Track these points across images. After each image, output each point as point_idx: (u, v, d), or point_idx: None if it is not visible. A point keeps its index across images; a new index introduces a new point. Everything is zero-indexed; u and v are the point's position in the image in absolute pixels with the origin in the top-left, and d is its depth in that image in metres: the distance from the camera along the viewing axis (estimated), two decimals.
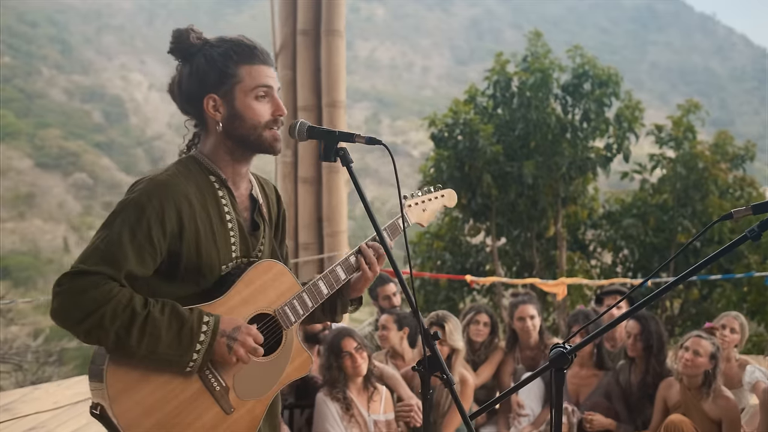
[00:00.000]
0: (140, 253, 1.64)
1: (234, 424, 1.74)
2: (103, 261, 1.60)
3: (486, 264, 8.91)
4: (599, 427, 3.93)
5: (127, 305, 1.58)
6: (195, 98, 1.80)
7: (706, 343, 3.69)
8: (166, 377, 1.64)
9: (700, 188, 8.40)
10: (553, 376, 1.76)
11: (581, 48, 8.62)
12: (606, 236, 9.17)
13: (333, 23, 5.76)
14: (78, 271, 1.60)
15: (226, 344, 1.66)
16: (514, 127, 8.52)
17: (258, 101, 1.79)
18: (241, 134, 1.79)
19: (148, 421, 1.61)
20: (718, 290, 8.09)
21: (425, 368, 1.72)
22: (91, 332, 1.56)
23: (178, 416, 1.65)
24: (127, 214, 1.65)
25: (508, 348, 4.54)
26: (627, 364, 4.17)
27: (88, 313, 1.55)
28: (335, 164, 5.71)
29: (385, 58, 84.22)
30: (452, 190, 2.29)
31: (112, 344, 1.57)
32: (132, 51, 76.39)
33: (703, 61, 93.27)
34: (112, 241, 1.63)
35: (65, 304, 1.57)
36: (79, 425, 4.74)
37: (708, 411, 3.71)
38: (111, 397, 1.58)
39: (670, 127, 8.71)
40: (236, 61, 1.78)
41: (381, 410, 3.65)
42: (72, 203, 48.51)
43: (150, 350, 1.59)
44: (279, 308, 1.82)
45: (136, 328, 1.57)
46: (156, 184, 1.70)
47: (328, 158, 1.84)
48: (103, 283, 1.58)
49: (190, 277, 1.73)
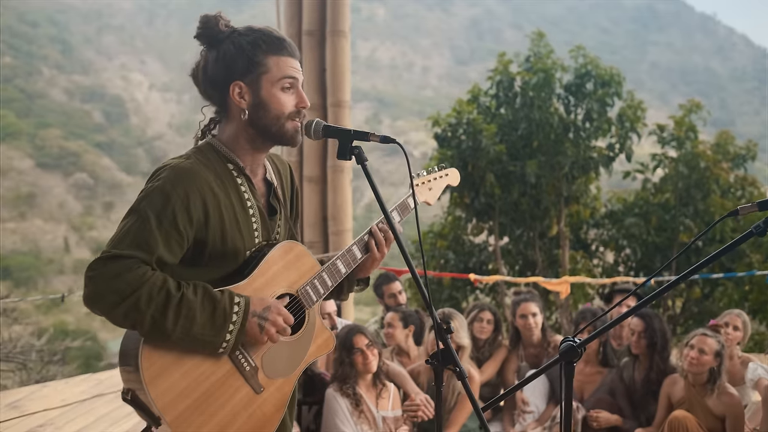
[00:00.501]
0: (168, 240, 1.65)
1: (264, 403, 1.78)
2: (135, 245, 1.61)
3: (489, 263, 8.93)
4: (605, 424, 3.98)
5: (162, 287, 1.59)
6: (221, 84, 1.80)
7: (711, 341, 3.72)
8: (198, 360, 1.66)
9: (702, 187, 8.44)
10: (563, 368, 1.79)
11: (583, 48, 8.65)
12: (608, 235, 9.21)
13: (338, 24, 5.80)
14: (111, 255, 1.59)
15: (257, 324, 1.69)
16: (517, 126, 8.56)
17: (283, 92, 1.81)
18: (265, 124, 1.80)
19: (183, 403, 1.63)
20: (720, 289, 8.12)
21: (438, 362, 1.74)
22: (127, 315, 1.56)
23: (211, 397, 1.68)
24: (153, 201, 1.66)
25: (511, 345, 4.57)
26: (631, 362, 4.20)
27: (123, 297, 1.56)
28: (340, 164, 5.72)
29: (385, 58, 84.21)
30: (455, 169, 2.34)
31: (148, 327, 1.58)
32: (132, 51, 76.41)
33: (704, 61, 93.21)
34: (141, 226, 1.63)
35: (100, 288, 1.57)
36: (87, 422, 4.77)
37: (712, 407, 3.74)
38: (147, 381, 1.59)
39: (672, 127, 8.75)
40: (265, 51, 1.79)
41: (389, 407, 3.70)
42: (73, 203, 48.51)
43: (185, 332, 1.60)
44: (301, 288, 1.85)
45: (171, 309, 1.58)
46: (179, 171, 1.71)
47: (344, 156, 1.85)
48: (137, 266, 1.59)
49: (214, 263, 1.75)
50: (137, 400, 1.64)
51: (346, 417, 3.50)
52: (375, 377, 3.67)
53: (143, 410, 1.64)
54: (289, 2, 5.97)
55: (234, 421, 1.72)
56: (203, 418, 1.66)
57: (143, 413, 1.65)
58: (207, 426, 1.66)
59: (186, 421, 1.63)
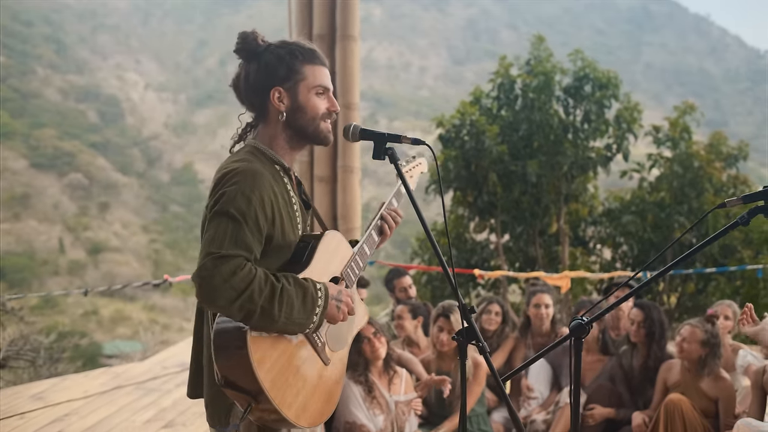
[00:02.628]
0: (255, 237, 1.83)
1: (332, 372, 2.02)
2: (237, 245, 1.78)
3: (491, 260, 9.10)
4: (600, 418, 4.16)
5: (266, 280, 1.77)
6: (262, 90, 2.00)
7: (697, 332, 3.95)
8: (286, 342, 1.87)
9: (696, 186, 8.61)
10: (572, 344, 2.00)
11: (582, 52, 8.82)
12: (606, 233, 9.36)
13: (348, 28, 5.97)
14: (220, 255, 1.74)
15: (336, 306, 1.93)
16: (518, 127, 8.74)
17: (317, 97, 2.02)
18: (301, 125, 2.01)
19: (282, 379, 1.84)
20: (713, 284, 8.28)
21: (463, 338, 1.97)
22: (242, 307, 1.73)
23: (298, 372, 1.90)
24: (239, 204, 1.82)
25: (521, 333, 4.79)
26: (630, 350, 4.40)
27: (240, 292, 1.72)
28: (350, 164, 5.96)
29: (382, 58, 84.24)
30: (424, 158, 2.61)
31: (258, 315, 1.75)
32: (127, 51, 76.23)
33: (698, 61, 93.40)
34: (236, 227, 1.80)
35: (218, 287, 1.72)
36: (110, 412, 4.98)
37: (706, 390, 3.97)
38: (256, 363, 1.77)
39: (667, 128, 8.92)
40: (302, 61, 2.00)
41: (402, 391, 3.87)
42: (67, 204, 48.38)
43: (287, 316, 1.79)
44: (344, 270, 2.08)
45: (276, 299, 1.77)
46: (251, 173, 1.88)
47: (378, 156, 2.08)
48: (244, 264, 1.76)
49: (274, 254, 1.93)
50: (233, 383, 1.81)
51: (359, 403, 3.66)
52: (385, 364, 3.81)
53: (241, 391, 1.81)
54: (300, 8, 6.15)
55: (315, 391, 1.95)
56: (294, 390, 1.87)
57: (240, 393, 1.82)
58: (298, 398, 1.88)
59: (284, 395, 1.83)
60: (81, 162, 52.43)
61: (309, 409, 1.92)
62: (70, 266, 43.03)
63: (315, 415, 1.95)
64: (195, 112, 69.88)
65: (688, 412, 3.86)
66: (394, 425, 3.73)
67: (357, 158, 6.12)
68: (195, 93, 72.58)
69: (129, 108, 65.99)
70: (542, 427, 4.23)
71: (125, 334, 32.11)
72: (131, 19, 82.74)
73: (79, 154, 53.00)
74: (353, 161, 6.09)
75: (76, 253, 45.03)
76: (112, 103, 64.62)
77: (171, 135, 64.61)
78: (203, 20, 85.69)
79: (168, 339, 12.35)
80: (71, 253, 44.85)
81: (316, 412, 1.96)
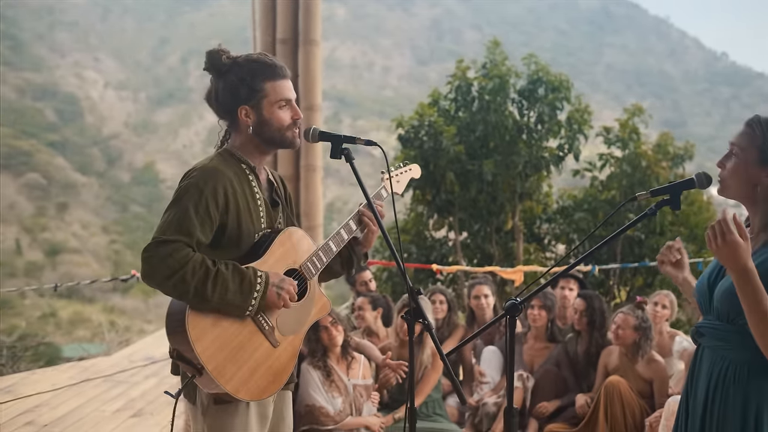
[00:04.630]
0: (203, 225, 2.06)
1: (280, 355, 2.21)
2: (179, 231, 2.02)
3: (449, 256, 9.27)
4: (552, 408, 4.45)
5: (202, 264, 2.00)
6: (230, 109, 2.24)
7: (630, 318, 4.28)
8: (229, 322, 2.08)
9: (644, 185, 8.75)
10: (507, 321, 2.18)
11: (536, 56, 9.08)
12: (559, 229, 9.54)
13: (310, 33, 6.17)
14: (161, 240, 2.00)
15: (276, 292, 2.11)
16: (475, 128, 8.92)
17: (281, 109, 2.24)
18: (269, 136, 2.25)
19: (221, 355, 2.04)
20: (660, 277, 8.57)
21: (411, 316, 2.20)
22: (176, 286, 1.97)
23: (240, 350, 2.10)
24: (190, 195, 2.07)
25: (468, 324, 5.09)
26: (574, 337, 4.70)
27: (174, 271, 1.96)
28: (312, 163, 6.23)
29: (345, 57, 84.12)
30: (417, 164, 2.83)
31: (192, 295, 1.97)
32: (86, 48, 74.78)
33: (657, 63, 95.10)
34: (182, 216, 2.04)
35: (155, 266, 1.98)
36: (79, 403, 5.13)
37: (641, 373, 4.30)
38: (193, 339, 1.99)
39: (618, 129, 9.18)
40: (263, 78, 2.20)
41: (359, 375, 4.14)
42: (24, 204, 47.33)
43: (221, 298, 2.00)
44: (303, 264, 2.28)
45: (209, 281, 1.98)
46: (208, 170, 2.13)
47: (336, 156, 2.32)
48: (182, 248, 1.99)
49: (231, 245, 2.16)
50: (182, 356, 2.05)
51: (318, 387, 3.88)
52: (343, 350, 4.07)
53: (188, 363, 2.05)
54: (263, 13, 6.33)
55: (258, 368, 2.14)
56: (236, 366, 2.08)
57: (187, 365, 2.06)
58: (239, 373, 2.09)
59: (223, 369, 2.05)
60: (38, 161, 51.32)
61: (249, 384, 2.11)
62: (27, 268, 42.12)
63: (256, 391, 2.14)
64: (156, 111, 69.01)
65: (626, 393, 4.18)
66: (353, 407, 3.98)
67: (319, 158, 6.34)
68: (156, 91, 71.65)
69: (88, 106, 64.80)
70: (493, 410, 4.49)
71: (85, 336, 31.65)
72: (90, 16, 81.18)
73: (37, 154, 51.86)
74: (315, 160, 6.31)
75: (34, 254, 44.13)
76: (70, 102, 63.34)
77: (131, 134, 63.74)
78: (164, 18, 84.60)
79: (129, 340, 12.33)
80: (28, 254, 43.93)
81: (258, 388, 2.14)
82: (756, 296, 1.82)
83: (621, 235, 2.22)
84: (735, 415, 1.95)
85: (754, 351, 1.89)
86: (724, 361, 2.00)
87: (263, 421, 2.28)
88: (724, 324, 2.00)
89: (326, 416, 3.84)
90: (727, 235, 1.82)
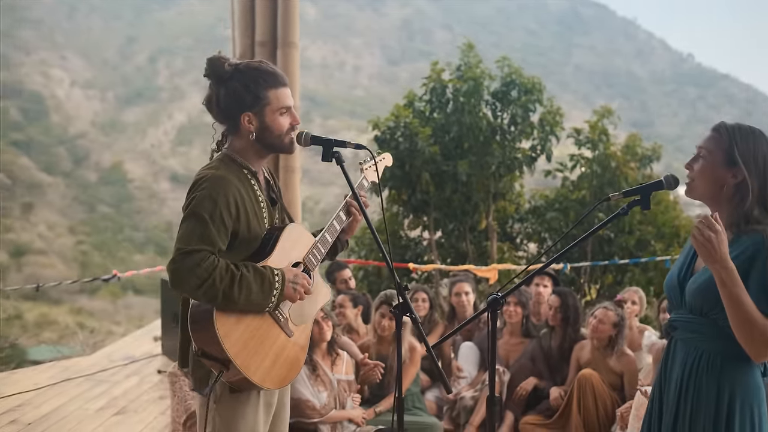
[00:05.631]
0: (220, 233, 2.16)
1: (295, 344, 2.38)
2: (202, 241, 2.12)
3: (424, 255, 9.40)
4: (529, 387, 4.63)
5: (227, 269, 2.11)
6: (233, 115, 2.32)
7: (611, 314, 4.47)
8: (250, 318, 2.21)
9: (613, 185, 8.98)
10: (489, 315, 2.30)
11: (509, 59, 9.27)
12: (532, 228, 9.73)
13: (288, 36, 6.22)
14: (186, 251, 2.10)
15: (292, 288, 2.25)
16: (450, 129, 9.08)
17: (281, 116, 2.33)
18: (270, 142, 2.34)
19: (246, 350, 2.18)
20: (629, 275, 8.76)
21: (399, 310, 2.31)
22: (206, 293, 2.08)
23: (262, 344, 2.25)
24: (206, 206, 2.16)
25: (448, 320, 5.24)
26: (548, 332, 4.87)
27: (203, 280, 2.07)
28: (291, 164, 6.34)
29: (316, 57, 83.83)
30: (388, 153, 2.96)
31: (221, 298, 2.10)
32: (52, 46, 73.40)
33: (625, 64, 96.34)
34: (202, 226, 2.14)
35: (184, 276, 2.08)
36: (62, 402, 5.15)
37: (613, 366, 4.48)
38: (222, 337, 2.12)
39: (587, 130, 9.38)
40: (265, 86, 2.28)
41: (343, 371, 4.27)
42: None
43: (246, 299, 2.14)
44: (306, 256, 2.40)
45: (236, 285, 2.11)
46: (218, 180, 2.21)
47: (327, 159, 2.42)
48: (207, 257, 2.10)
49: (241, 247, 2.27)
50: (208, 353, 2.17)
51: (304, 381, 4.00)
52: (329, 346, 4.20)
53: (213, 360, 2.16)
54: (242, 15, 6.38)
55: (278, 359, 2.29)
56: (259, 358, 2.22)
57: (213, 362, 2.17)
58: (263, 364, 2.23)
59: (249, 362, 2.18)
60: (2, 161, 50.19)
61: (272, 374, 2.27)
62: None
63: (278, 379, 2.30)
64: (124, 110, 68.08)
65: (598, 386, 4.36)
66: (337, 401, 4.11)
67: (298, 159, 6.43)
68: (124, 90, 70.68)
69: (54, 105, 63.71)
70: (470, 403, 4.63)
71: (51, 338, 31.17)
72: (55, 14, 79.73)
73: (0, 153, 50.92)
74: (294, 162, 6.40)
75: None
76: (35, 100, 62.20)
77: (99, 133, 62.83)
78: (132, 16, 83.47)
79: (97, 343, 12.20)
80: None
81: (280, 376, 2.31)
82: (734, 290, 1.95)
83: (595, 233, 2.36)
84: (709, 402, 2.08)
85: (725, 341, 2.03)
86: (698, 352, 2.13)
87: (268, 410, 2.41)
88: (698, 317, 2.13)
89: (312, 410, 3.96)
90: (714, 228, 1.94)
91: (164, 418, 4.81)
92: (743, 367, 2.07)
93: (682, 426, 2.15)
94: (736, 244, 2.06)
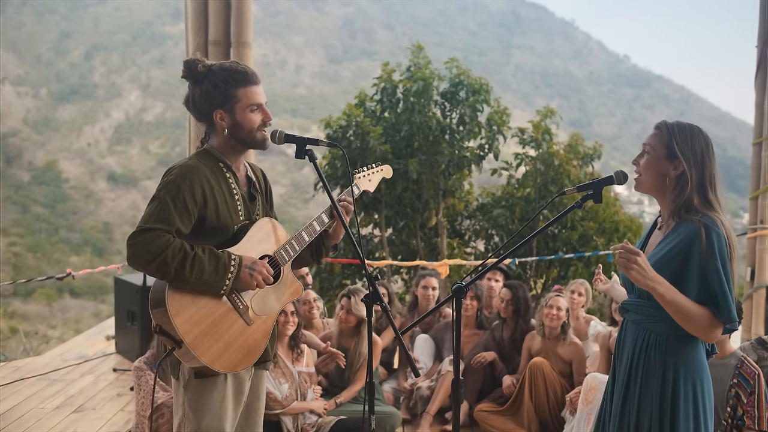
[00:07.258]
0: (181, 216, 2.27)
1: (254, 332, 2.42)
2: (159, 221, 2.23)
3: (376, 252, 9.55)
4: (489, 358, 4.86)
5: (181, 248, 2.21)
6: (207, 113, 2.45)
7: (562, 301, 4.70)
8: (206, 300, 2.28)
9: (557, 182, 9.31)
10: (454, 303, 2.45)
11: (457, 60, 9.52)
12: (480, 225, 9.96)
13: (242, 35, 6.28)
14: (144, 228, 2.21)
15: (248, 273, 2.31)
16: (400, 129, 9.23)
17: (252, 113, 2.44)
18: (242, 137, 2.46)
19: (197, 329, 2.25)
20: (573, 269, 9.13)
21: (370, 300, 2.43)
22: (159, 268, 2.18)
23: (216, 326, 2.30)
24: (169, 190, 2.28)
25: (408, 311, 5.40)
26: (500, 324, 5.08)
27: (156, 255, 2.18)
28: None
29: (257, 55, 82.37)
30: (389, 165, 3.08)
31: (173, 275, 2.19)
32: None
33: (563, 64, 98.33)
34: (162, 208, 2.25)
35: (139, 251, 2.19)
36: (17, 402, 5.09)
37: (562, 354, 4.71)
38: (172, 314, 2.19)
39: (531, 130, 9.67)
40: (235, 85, 2.41)
41: (304, 364, 4.39)
42: None
43: (198, 278, 2.21)
44: (277, 251, 2.49)
45: (188, 262, 2.20)
46: (186, 168, 2.34)
47: (300, 156, 2.55)
48: (162, 235, 2.21)
49: (211, 234, 2.37)
50: (163, 330, 2.24)
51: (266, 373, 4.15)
52: (292, 341, 4.31)
53: (168, 336, 2.24)
54: (195, 15, 6.39)
55: (233, 344, 2.35)
56: (212, 340, 2.28)
57: (168, 339, 2.24)
58: (214, 346, 2.29)
59: (200, 342, 2.25)
60: None
61: (224, 358, 2.32)
62: None
63: (231, 364, 2.35)
64: (58, 108, 66.00)
65: (548, 373, 4.57)
66: (298, 392, 4.21)
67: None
68: (58, 87, 68.52)
69: None
70: (427, 393, 4.80)
71: None
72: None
73: None
74: None
75: None
76: None
77: (31, 131, 60.79)
78: (66, 10, 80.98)
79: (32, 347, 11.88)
80: None
81: (232, 361, 2.35)
82: (667, 296, 2.18)
83: (550, 227, 2.55)
84: (656, 374, 2.32)
85: (670, 323, 2.26)
86: (646, 332, 2.37)
87: (239, 397, 2.49)
88: (645, 301, 2.37)
89: (274, 401, 4.06)
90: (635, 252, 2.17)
91: (124, 415, 4.81)
92: (687, 346, 2.30)
93: (632, 399, 2.38)
94: (676, 232, 2.29)
